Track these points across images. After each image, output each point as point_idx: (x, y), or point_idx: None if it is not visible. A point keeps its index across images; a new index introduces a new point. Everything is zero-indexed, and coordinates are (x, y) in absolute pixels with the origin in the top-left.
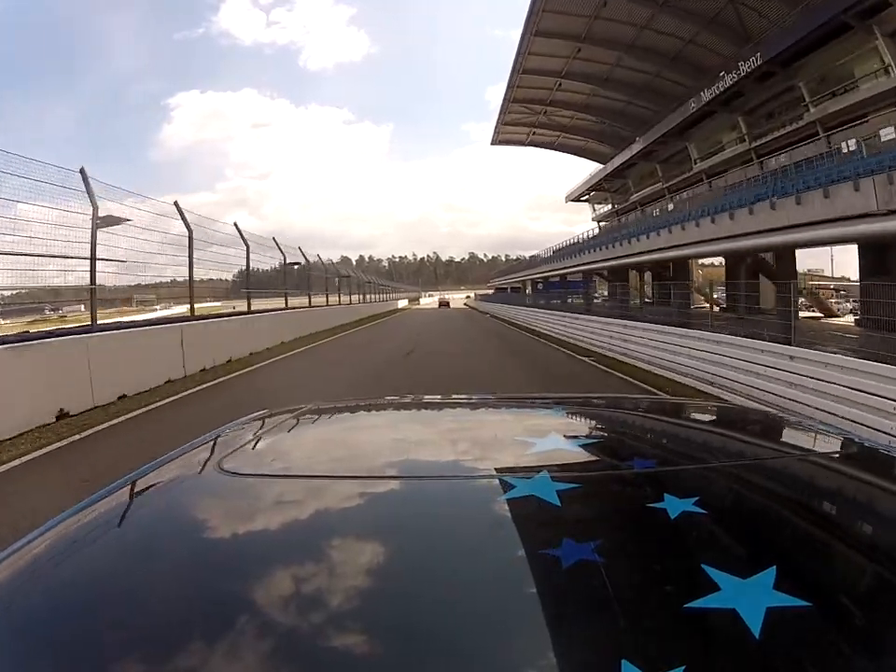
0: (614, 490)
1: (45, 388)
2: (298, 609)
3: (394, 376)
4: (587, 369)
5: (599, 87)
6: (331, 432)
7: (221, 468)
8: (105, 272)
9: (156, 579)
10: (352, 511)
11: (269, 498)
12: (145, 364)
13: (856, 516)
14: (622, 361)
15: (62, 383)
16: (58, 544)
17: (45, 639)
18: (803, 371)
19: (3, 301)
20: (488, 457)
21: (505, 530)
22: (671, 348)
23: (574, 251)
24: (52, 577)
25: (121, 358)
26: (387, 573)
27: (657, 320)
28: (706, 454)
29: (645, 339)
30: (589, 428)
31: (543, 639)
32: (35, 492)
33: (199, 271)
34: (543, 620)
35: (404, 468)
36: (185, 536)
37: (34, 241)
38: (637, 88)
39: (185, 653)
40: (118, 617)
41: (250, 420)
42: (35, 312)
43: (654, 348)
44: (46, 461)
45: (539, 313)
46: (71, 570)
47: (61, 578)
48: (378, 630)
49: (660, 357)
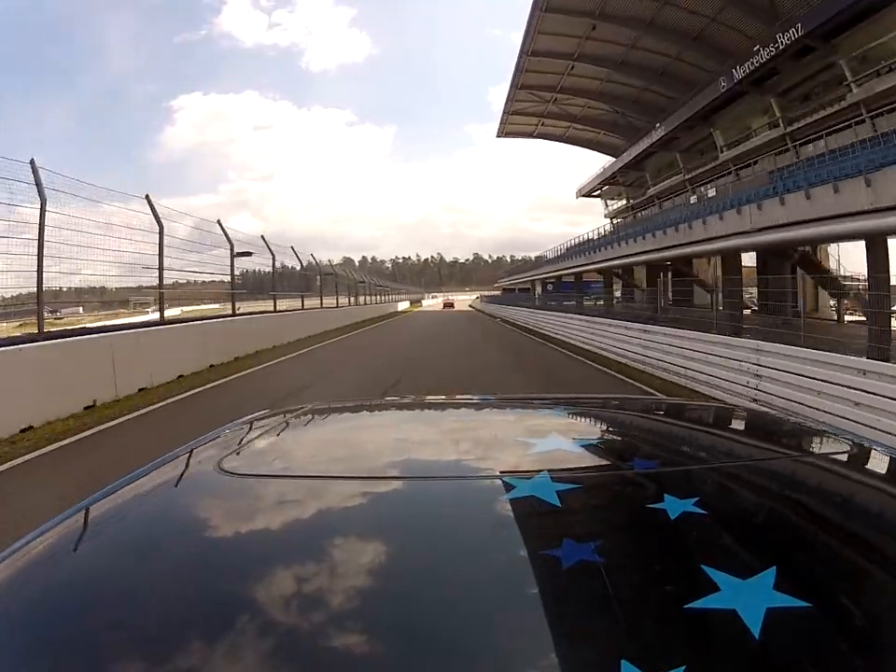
0: (614, 491)
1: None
2: (297, 608)
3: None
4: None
5: (614, 71)
6: (331, 432)
7: (221, 468)
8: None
9: (156, 579)
10: (352, 511)
11: (269, 498)
12: (58, 385)
13: (856, 516)
14: (687, 387)
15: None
16: (58, 544)
17: (45, 639)
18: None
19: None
20: (488, 458)
21: (505, 530)
22: (745, 367)
23: (589, 248)
24: (52, 577)
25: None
26: (387, 573)
27: (703, 328)
28: (706, 454)
29: (700, 353)
30: (589, 429)
31: (543, 639)
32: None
33: (186, 273)
34: (543, 620)
35: (404, 468)
36: (185, 536)
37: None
38: (654, 72)
39: (185, 653)
40: (118, 617)
41: (250, 420)
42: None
43: (718, 366)
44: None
45: (556, 317)
46: (71, 570)
47: (61, 578)
48: (376, 630)
49: (734, 381)
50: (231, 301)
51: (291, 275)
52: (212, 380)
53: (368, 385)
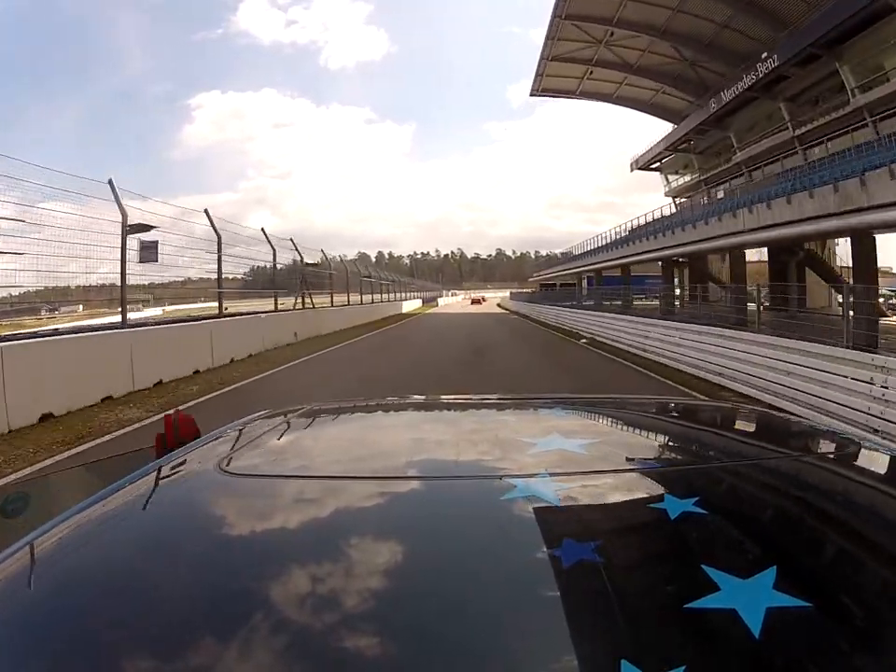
0: (615, 490)
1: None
2: (298, 608)
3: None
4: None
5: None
6: (332, 432)
7: (221, 468)
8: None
9: (157, 578)
10: (352, 510)
11: (269, 499)
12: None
13: (856, 516)
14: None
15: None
16: (58, 544)
17: (46, 639)
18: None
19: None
20: (488, 457)
21: (505, 530)
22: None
23: (660, 229)
24: (53, 576)
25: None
26: (386, 573)
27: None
28: (706, 454)
29: None
30: (590, 429)
31: (543, 639)
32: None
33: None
34: (544, 619)
35: (404, 468)
36: (185, 535)
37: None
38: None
39: (185, 653)
40: (118, 616)
41: (250, 420)
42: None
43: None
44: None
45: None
46: (72, 570)
47: (61, 577)
48: (375, 629)
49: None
50: (219, 300)
51: (290, 272)
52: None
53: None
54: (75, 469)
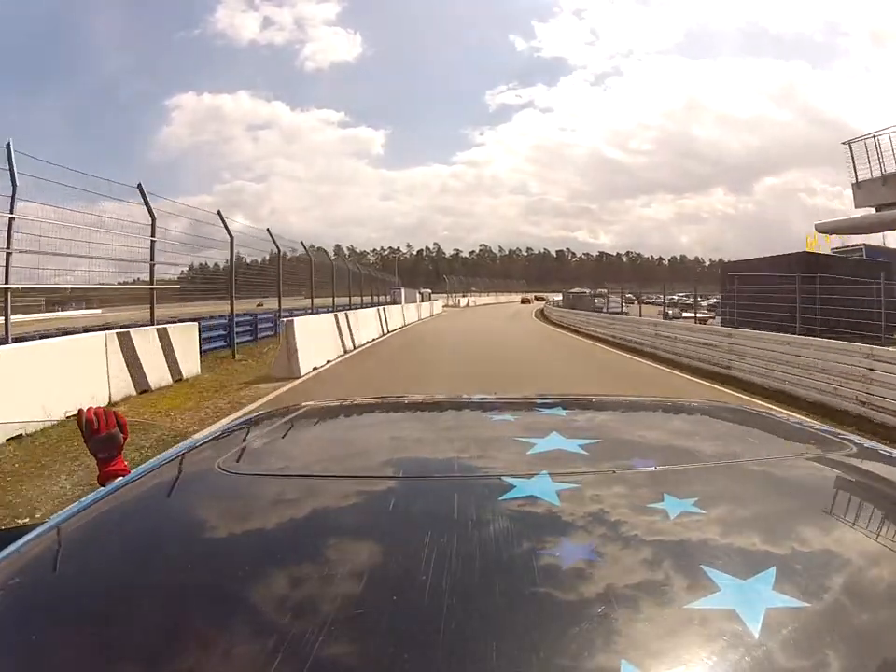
0: (614, 490)
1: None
2: (297, 608)
3: None
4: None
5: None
6: (332, 431)
7: (221, 467)
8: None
9: (155, 578)
10: (351, 510)
11: (269, 498)
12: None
13: (856, 516)
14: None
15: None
16: (57, 543)
17: (45, 639)
18: None
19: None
20: (488, 457)
21: (505, 530)
22: None
23: None
24: (52, 576)
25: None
26: (386, 573)
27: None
28: (705, 453)
29: None
30: (589, 428)
31: (543, 639)
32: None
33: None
34: (542, 621)
35: (404, 467)
36: (185, 535)
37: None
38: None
39: (184, 652)
40: (117, 616)
41: (250, 420)
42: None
43: None
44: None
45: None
46: (70, 569)
47: (60, 577)
48: (376, 630)
49: None
50: (151, 304)
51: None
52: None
53: None
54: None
